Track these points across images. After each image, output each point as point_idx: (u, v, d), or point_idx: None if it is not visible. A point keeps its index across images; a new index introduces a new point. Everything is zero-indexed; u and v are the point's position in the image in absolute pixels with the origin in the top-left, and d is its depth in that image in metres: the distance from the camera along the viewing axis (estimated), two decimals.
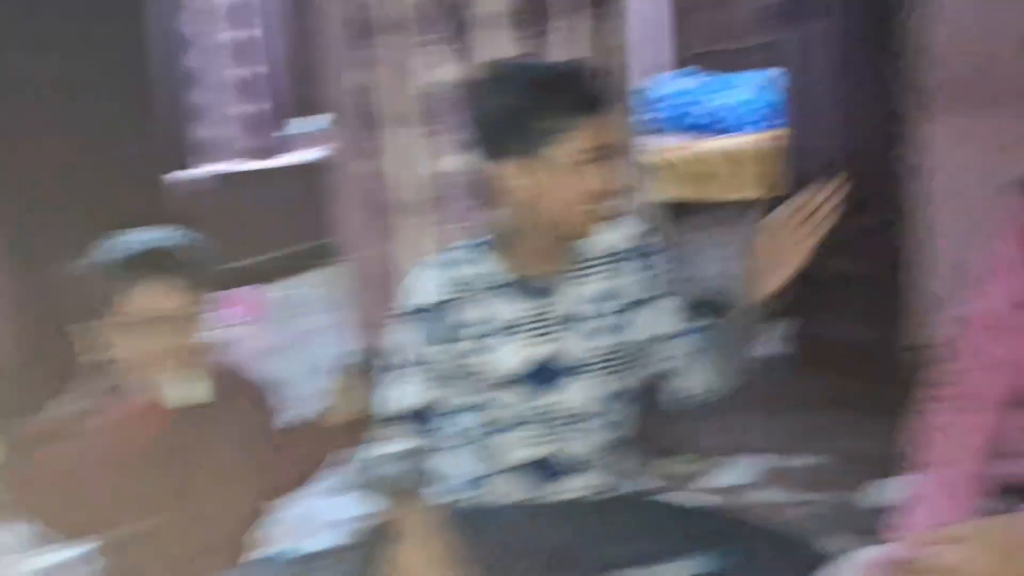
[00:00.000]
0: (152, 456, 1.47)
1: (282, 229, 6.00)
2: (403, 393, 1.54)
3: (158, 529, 1.51)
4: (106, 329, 1.47)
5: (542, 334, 1.53)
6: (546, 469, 1.58)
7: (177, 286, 1.47)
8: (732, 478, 2.33)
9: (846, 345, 3.10)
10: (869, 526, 1.46)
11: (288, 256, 6.12)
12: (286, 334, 4.41)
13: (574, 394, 1.55)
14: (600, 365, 1.56)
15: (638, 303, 1.59)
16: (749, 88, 4.71)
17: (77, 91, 3.16)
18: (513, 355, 1.53)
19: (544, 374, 1.54)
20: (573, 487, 1.59)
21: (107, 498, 1.43)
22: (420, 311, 1.55)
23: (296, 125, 7.18)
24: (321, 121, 7.10)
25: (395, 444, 1.51)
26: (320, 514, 2.31)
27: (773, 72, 4.31)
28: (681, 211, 3.88)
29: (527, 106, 1.45)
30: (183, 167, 5.34)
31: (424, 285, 1.55)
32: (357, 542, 1.51)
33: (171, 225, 1.61)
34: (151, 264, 1.47)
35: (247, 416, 1.63)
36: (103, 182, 3.23)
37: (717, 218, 4.03)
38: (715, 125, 4.75)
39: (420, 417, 1.54)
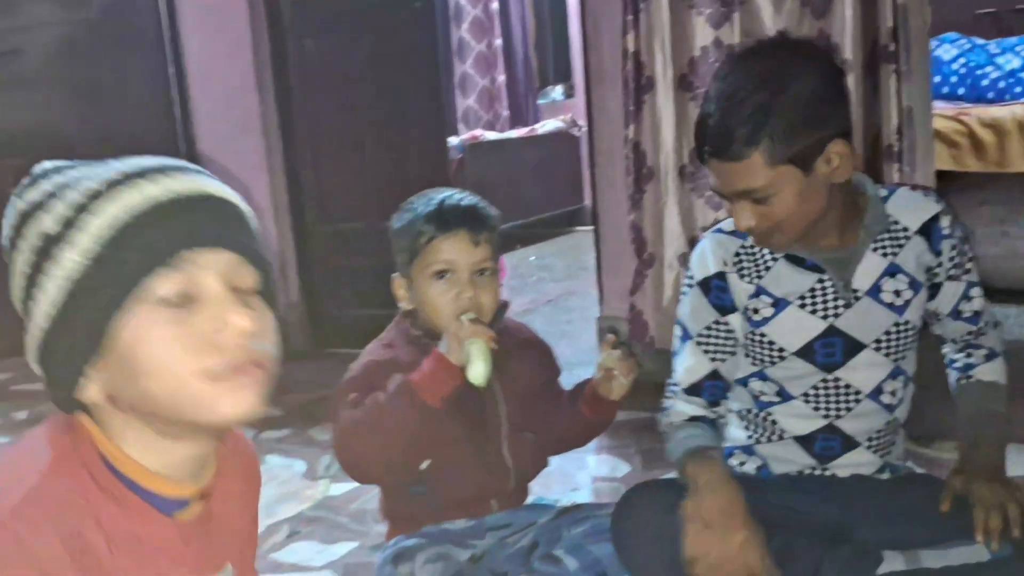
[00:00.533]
0: (449, 403, 1.55)
1: (531, 195, 6.15)
2: (690, 363, 1.57)
3: (446, 471, 1.60)
4: (417, 278, 1.58)
5: (821, 308, 1.51)
6: (820, 443, 1.56)
7: (481, 241, 1.56)
8: (1011, 468, 2.20)
9: None
10: None
11: (540, 222, 6.27)
12: (537, 298, 4.54)
13: (852, 370, 1.52)
14: (879, 342, 1.52)
15: (921, 283, 1.53)
16: (1019, 55, 4.38)
17: (383, 65, 3.45)
18: (791, 328, 1.52)
19: (822, 348, 1.52)
20: (846, 463, 1.56)
21: (405, 444, 1.52)
22: (705, 281, 1.55)
23: (542, 95, 7.32)
24: (567, 91, 7.25)
25: (684, 410, 1.56)
26: (580, 469, 2.39)
27: None
28: (948, 183, 3.67)
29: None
30: (450, 135, 5.60)
31: (709, 256, 1.55)
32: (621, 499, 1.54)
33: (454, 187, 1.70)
34: (462, 217, 1.56)
35: (535, 372, 1.70)
36: (400, 146, 3.50)
37: (987, 193, 3.78)
38: (982, 93, 4.44)
39: (707, 386, 1.56)
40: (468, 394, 1.58)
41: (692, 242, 2.70)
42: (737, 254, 1.54)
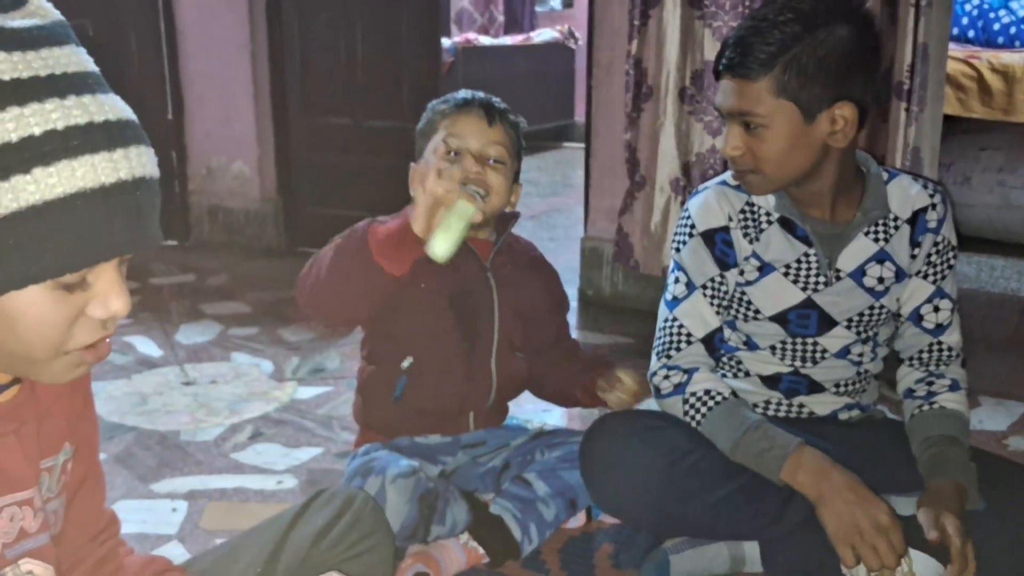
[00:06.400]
0: (446, 301, 1.57)
1: (521, 106, 6.01)
2: (704, 312, 1.49)
3: (428, 371, 1.58)
4: (431, 161, 1.52)
5: (803, 280, 1.48)
6: (786, 383, 1.55)
7: (496, 123, 1.56)
8: (983, 422, 2.19)
9: None
10: None
11: (527, 134, 6.15)
12: (521, 212, 4.46)
13: (825, 340, 1.51)
14: (850, 321, 1.50)
15: (907, 273, 1.50)
16: None
17: None
18: (772, 293, 1.49)
19: (797, 318, 1.50)
20: (812, 401, 1.56)
21: (347, 288, 1.41)
22: (709, 233, 1.49)
23: (540, 2, 7.11)
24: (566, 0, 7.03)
25: (714, 387, 1.44)
26: None
27: None
28: (950, 126, 3.60)
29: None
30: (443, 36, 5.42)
31: (715, 208, 1.49)
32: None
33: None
34: (479, 99, 1.57)
35: (539, 295, 1.69)
36: (391, 42, 3.35)
37: (987, 139, 3.71)
38: (992, 38, 4.35)
39: (717, 339, 1.51)
40: (465, 295, 1.58)
41: (686, 167, 2.62)
42: (742, 211, 1.49)
